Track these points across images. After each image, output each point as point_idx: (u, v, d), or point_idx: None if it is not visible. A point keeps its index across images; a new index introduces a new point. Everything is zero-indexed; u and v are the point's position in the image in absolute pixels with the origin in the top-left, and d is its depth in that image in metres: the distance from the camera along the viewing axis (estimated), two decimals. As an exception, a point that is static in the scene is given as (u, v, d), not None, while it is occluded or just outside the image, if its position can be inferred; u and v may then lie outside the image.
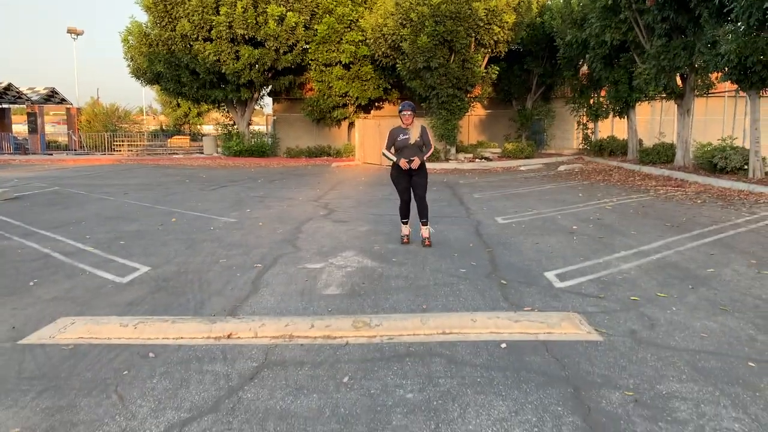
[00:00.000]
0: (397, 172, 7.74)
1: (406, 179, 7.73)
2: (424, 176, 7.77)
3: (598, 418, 3.24)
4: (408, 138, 7.61)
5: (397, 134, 7.66)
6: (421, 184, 7.72)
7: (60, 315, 5.07)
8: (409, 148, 7.63)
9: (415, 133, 7.66)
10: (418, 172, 7.72)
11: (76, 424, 3.21)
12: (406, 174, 7.70)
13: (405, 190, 7.79)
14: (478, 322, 4.79)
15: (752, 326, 4.67)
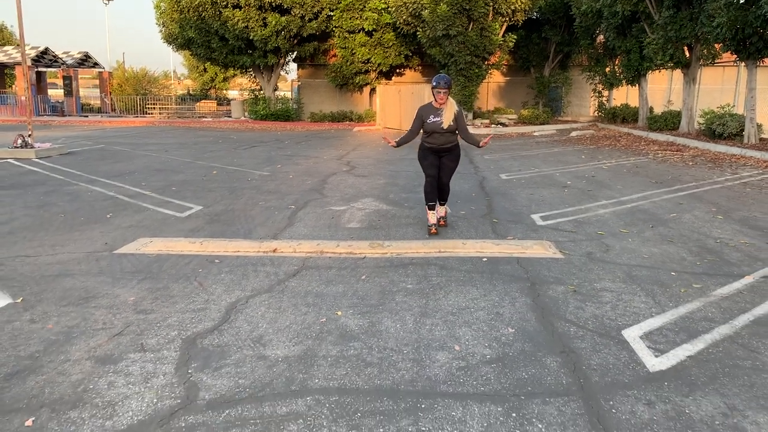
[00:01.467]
0: (425, 153, 6.71)
1: (434, 156, 6.67)
2: (455, 159, 6.73)
3: (543, 299, 4.50)
4: (440, 121, 6.41)
5: (428, 114, 6.50)
6: (449, 167, 6.72)
7: (139, 236, 6.43)
8: (441, 133, 6.47)
9: (449, 115, 6.41)
10: (450, 154, 6.67)
11: (173, 296, 4.56)
12: (433, 154, 6.66)
13: (431, 166, 6.65)
14: (468, 245, 6.06)
15: (687, 252, 5.87)
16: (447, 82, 6.35)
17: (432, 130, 6.50)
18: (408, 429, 2.79)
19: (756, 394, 3.11)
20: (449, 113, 6.41)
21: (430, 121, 6.48)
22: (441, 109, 6.46)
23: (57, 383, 3.22)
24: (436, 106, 6.48)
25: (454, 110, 6.45)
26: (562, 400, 3.06)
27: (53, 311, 4.26)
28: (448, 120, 6.40)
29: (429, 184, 6.67)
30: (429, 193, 6.70)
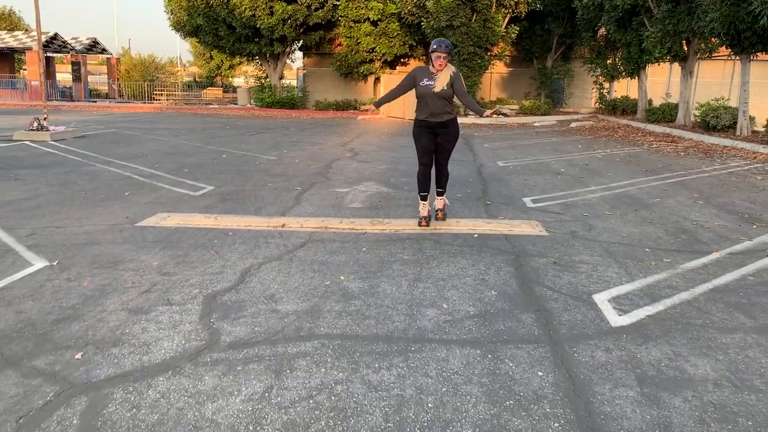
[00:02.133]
0: (419, 131, 6.14)
1: (429, 138, 6.09)
2: (452, 138, 6.16)
3: (525, 269, 5.00)
4: (432, 85, 5.89)
5: (420, 76, 6.00)
6: (446, 147, 6.18)
7: (157, 212, 6.94)
8: (432, 98, 5.93)
9: (444, 78, 5.88)
10: (446, 131, 6.10)
11: (192, 262, 5.07)
12: (427, 131, 6.09)
13: (425, 152, 6.12)
14: (461, 223, 6.56)
15: (664, 232, 6.35)
16: (447, 46, 5.80)
17: (423, 93, 5.95)
18: (399, 365, 3.30)
19: (700, 345, 3.61)
20: (444, 77, 5.87)
21: (422, 83, 5.94)
22: (436, 74, 5.93)
23: (97, 328, 3.73)
24: (432, 71, 5.95)
25: (451, 73, 5.88)
26: (532, 346, 3.56)
27: (86, 272, 4.77)
28: (442, 83, 5.84)
29: (422, 172, 6.22)
30: (422, 181, 6.23)
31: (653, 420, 2.79)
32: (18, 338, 3.58)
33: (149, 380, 3.10)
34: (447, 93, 5.92)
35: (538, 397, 2.98)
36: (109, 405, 2.86)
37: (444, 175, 6.41)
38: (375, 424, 2.73)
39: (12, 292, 4.33)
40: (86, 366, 3.24)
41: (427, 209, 6.36)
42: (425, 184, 6.26)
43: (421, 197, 6.34)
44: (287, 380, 3.11)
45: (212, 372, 3.19)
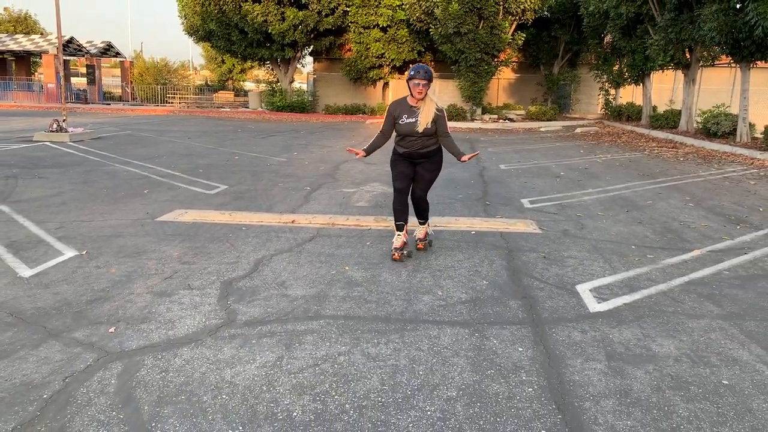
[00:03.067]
0: (396, 158, 5.53)
1: (407, 164, 5.47)
2: (434, 168, 5.52)
3: (516, 262, 5.40)
4: (415, 122, 5.23)
5: (400, 113, 5.31)
6: (426, 179, 5.50)
7: (174, 208, 7.39)
8: (416, 138, 5.31)
9: (427, 115, 5.22)
10: (428, 162, 5.47)
11: (210, 253, 5.51)
12: (407, 160, 5.47)
13: (402, 176, 5.45)
14: (460, 221, 6.98)
15: (652, 231, 6.74)
16: (427, 72, 5.12)
17: (405, 132, 5.30)
18: (396, 340, 3.71)
19: (668, 328, 4.00)
20: (427, 113, 5.21)
21: (402, 121, 5.27)
22: (417, 108, 5.25)
23: (126, 308, 4.17)
24: (411, 103, 5.29)
25: (434, 110, 5.23)
26: (516, 327, 3.97)
27: (113, 261, 5.22)
28: (425, 122, 5.20)
29: (397, 200, 5.47)
30: (398, 210, 5.48)
31: (615, 387, 3.19)
32: (57, 315, 4.02)
33: (175, 350, 3.53)
34: (431, 131, 5.29)
35: (516, 368, 3.39)
36: (141, 369, 3.29)
37: (423, 206, 5.66)
38: (372, 387, 3.15)
39: (48, 277, 4.78)
40: (119, 338, 3.68)
41: (402, 240, 5.46)
42: (402, 213, 5.47)
43: (397, 227, 5.48)
44: (296, 352, 3.53)
45: (230, 344, 3.62)
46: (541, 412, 2.93)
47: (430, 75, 5.17)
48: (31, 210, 7.12)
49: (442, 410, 2.94)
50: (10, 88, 37.38)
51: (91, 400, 2.97)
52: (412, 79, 5.16)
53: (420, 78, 5.13)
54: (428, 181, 5.54)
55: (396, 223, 5.52)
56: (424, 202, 5.65)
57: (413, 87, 5.18)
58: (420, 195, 5.58)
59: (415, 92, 5.19)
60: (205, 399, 3.00)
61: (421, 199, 5.62)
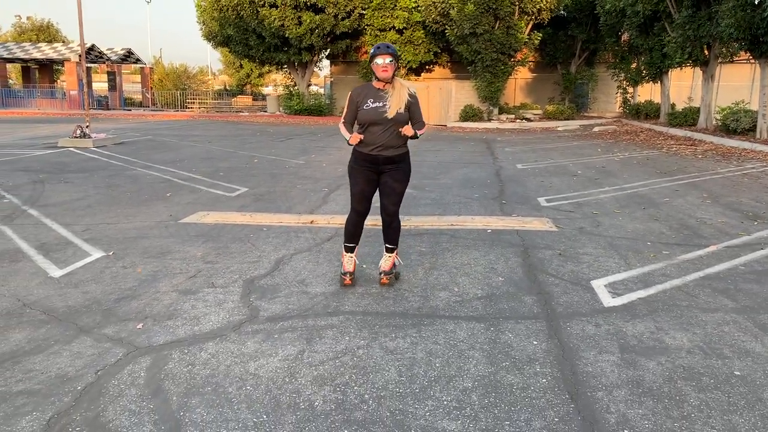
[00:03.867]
0: (355, 163, 4.60)
1: (368, 176, 4.58)
2: (403, 176, 4.64)
3: (532, 259, 5.48)
4: (384, 107, 4.39)
5: (365, 98, 4.47)
6: (396, 190, 4.61)
7: (197, 210, 7.57)
8: (384, 126, 4.41)
9: (399, 97, 4.41)
10: (395, 169, 4.58)
11: (232, 252, 5.66)
12: (369, 167, 4.55)
13: (363, 196, 4.64)
14: (476, 220, 7.06)
15: (668, 228, 6.77)
16: (392, 50, 4.34)
17: (369, 120, 4.40)
18: (413, 335, 3.82)
19: (682, 321, 4.06)
20: (399, 96, 4.40)
21: (367, 106, 4.41)
22: (385, 92, 4.43)
23: (153, 305, 4.33)
24: (377, 86, 4.46)
25: (408, 93, 4.46)
26: (531, 322, 4.05)
27: (139, 261, 5.39)
28: (397, 106, 4.37)
29: (352, 221, 4.73)
30: (350, 233, 4.75)
31: (628, 378, 3.27)
32: (87, 312, 4.19)
33: (201, 345, 3.67)
34: (402, 118, 4.43)
35: (530, 360, 3.48)
36: (169, 362, 3.44)
37: (393, 227, 4.74)
38: (390, 378, 3.26)
39: (77, 276, 4.96)
40: (147, 334, 3.83)
41: (353, 264, 4.78)
42: (354, 235, 4.76)
43: (346, 248, 4.77)
44: (317, 345, 3.66)
45: (253, 339, 3.75)
46: (555, 402, 3.02)
47: (394, 50, 4.37)
48: (58, 213, 7.33)
49: (458, 400, 3.04)
50: (34, 95, 38.10)
51: (122, 391, 3.11)
52: (375, 57, 4.34)
53: (383, 53, 4.32)
54: (399, 193, 4.65)
55: (346, 244, 4.77)
56: (396, 220, 4.72)
57: (377, 67, 4.35)
58: (392, 212, 4.66)
59: (380, 72, 4.35)
60: (230, 390, 3.13)
61: (393, 216, 4.68)
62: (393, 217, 4.72)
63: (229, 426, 2.80)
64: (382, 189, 4.66)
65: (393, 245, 4.81)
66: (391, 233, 4.79)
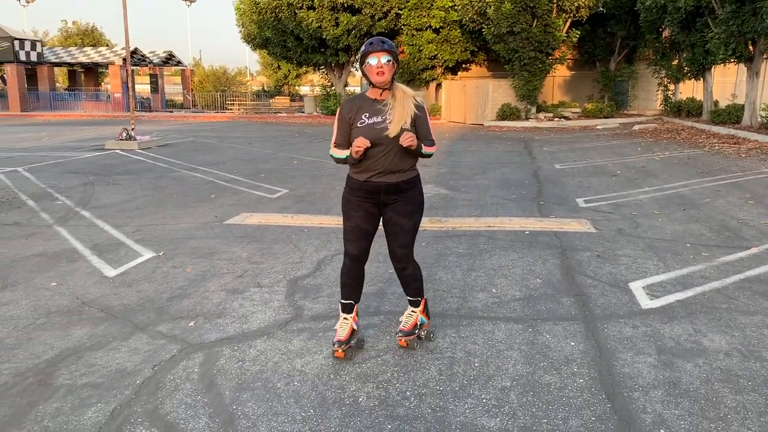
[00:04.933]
0: (352, 193, 3.57)
1: (365, 210, 3.54)
2: (413, 210, 3.57)
3: (570, 261, 5.54)
4: (383, 123, 3.37)
5: (358, 112, 3.44)
6: (405, 227, 3.55)
7: (241, 212, 7.80)
8: (386, 147, 3.39)
9: (402, 109, 3.37)
10: (401, 198, 3.52)
11: (275, 253, 5.85)
12: (367, 199, 3.52)
13: (356, 235, 3.57)
14: (514, 221, 7.13)
15: (708, 229, 6.73)
16: (384, 43, 3.32)
17: (372, 137, 3.34)
18: (452, 335, 3.94)
19: (720, 324, 4.09)
20: (402, 109, 3.38)
21: (362, 122, 3.39)
22: (384, 103, 3.42)
23: (203, 304, 4.54)
24: (373, 96, 3.44)
25: (413, 102, 3.43)
26: (568, 323, 4.13)
27: (188, 261, 5.62)
28: (400, 121, 3.35)
29: (344, 269, 3.64)
30: (346, 284, 3.64)
31: (664, 379, 3.33)
32: (141, 310, 4.42)
33: (249, 342, 3.85)
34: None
35: (568, 361, 3.56)
36: (220, 359, 3.63)
37: (407, 276, 3.65)
38: (430, 377, 3.38)
39: (131, 276, 5.21)
40: (198, 331, 4.03)
41: (348, 329, 3.60)
42: (352, 288, 3.65)
43: (344, 307, 3.66)
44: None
45: (299, 337, 3.92)
46: (592, 401, 3.10)
47: (391, 46, 3.34)
48: (109, 215, 7.65)
49: (497, 398, 3.15)
50: (80, 98, 39.26)
51: (178, 385, 3.31)
52: (367, 56, 3.32)
53: (378, 50, 3.30)
54: (408, 230, 3.55)
55: (342, 301, 3.66)
56: (411, 266, 3.61)
57: (371, 69, 3.32)
58: (401, 256, 3.58)
59: (374, 76, 3.33)
60: (278, 385, 3.29)
61: (404, 262, 3.59)
62: (405, 262, 3.58)
63: (279, 419, 2.96)
64: (386, 227, 3.59)
65: (414, 297, 3.70)
66: (408, 283, 3.67)
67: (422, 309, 3.80)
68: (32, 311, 4.42)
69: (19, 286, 4.97)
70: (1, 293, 4.81)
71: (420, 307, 3.78)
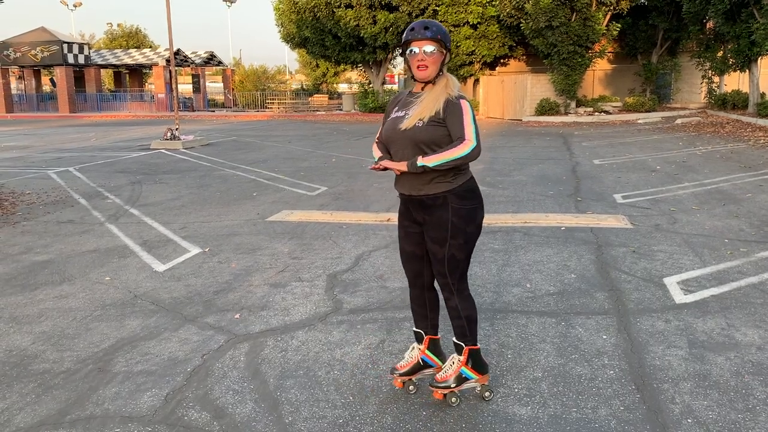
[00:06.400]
0: (400, 208, 3.21)
1: (407, 227, 3.14)
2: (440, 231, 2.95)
3: (605, 257, 5.59)
4: (404, 117, 2.96)
5: (393, 107, 3.15)
6: (434, 253, 3.01)
7: (282, 209, 8.05)
8: (399, 146, 2.97)
9: (426, 104, 2.88)
10: (430, 216, 2.97)
11: (315, 249, 6.06)
12: (406, 215, 3.12)
13: (403, 256, 3.23)
14: (550, 217, 7.19)
15: (748, 225, 6.68)
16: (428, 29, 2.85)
17: (386, 139, 3.06)
18: (486, 328, 4.06)
19: (754, 319, 4.12)
20: (428, 102, 2.90)
21: (391, 116, 3.09)
22: (418, 95, 2.99)
23: (248, 297, 4.76)
24: (416, 89, 3.05)
25: (443, 98, 2.88)
26: (601, 317, 4.21)
27: (232, 257, 5.87)
28: (420, 114, 2.89)
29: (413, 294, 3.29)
30: (414, 311, 3.33)
31: (695, 371, 3.40)
32: (190, 303, 4.66)
33: (292, 333, 4.05)
34: (422, 134, 2.89)
35: (599, 353, 3.65)
36: (265, 349, 3.83)
37: (453, 309, 3.08)
38: (465, 367, 3.52)
39: (179, 271, 5.48)
40: (244, 323, 4.25)
41: (414, 358, 3.27)
42: (415, 314, 3.32)
43: (415, 335, 3.36)
44: (396, 335, 3.97)
45: (338, 329, 4.10)
46: (621, 392, 3.20)
47: (437, 31, 2.87)
48: (156, 212, 7.98)
49: (528, 388, 3.27)
50: (125, 99, 40.40)
51: (225, 373, 3.52)
52: (409, 44, 2.90)
53: (419, 38, 2.86)
54: (441, 259, 2.98)
55: (414, 327, 3.34)
56: (452, 298, 3.06)
57: (412, 60, 2.91)
58: (442, 285, 3.07)
59: (415, 69, 2.92)
60: (319, 374, 3.48)
61: (445, 291, 3.07)
62: (446, 292, 3.06)
63: (320, 405, 3.14)
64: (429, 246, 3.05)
65: (458, 340, 3.11)
66: (451, 317, 3.11)
67: (465, 360, 3.06)
68: (89, 303, 4.71)
69: (75, 281, 5.28)
70: (60, 287, 5.12)
71: (462, 358, 3.07)
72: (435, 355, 3.29)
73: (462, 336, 3.09)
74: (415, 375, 3.26)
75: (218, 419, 3.03)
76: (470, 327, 3.07)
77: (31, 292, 5.01)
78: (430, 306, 3.24)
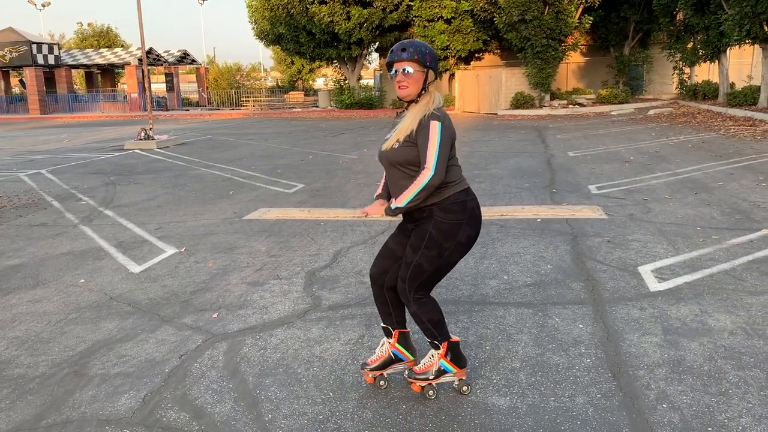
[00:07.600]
0: None
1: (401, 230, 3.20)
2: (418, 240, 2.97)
3: (581, 247, 5.66)
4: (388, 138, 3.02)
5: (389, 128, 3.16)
6: (406, 256, 3.02)
7: (259, 207, 8.00)
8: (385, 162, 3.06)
9: (402, 126, 2.93)
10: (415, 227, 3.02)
11: (293, 246, 6.04)
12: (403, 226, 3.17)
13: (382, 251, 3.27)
14: (526, 209, 7.25)
15: (719, 212, 6.80)
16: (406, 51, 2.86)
17: (379, 159, 3.16)
18: (464, 320, 4.09)
19: (726, 304, 4.20)
20: (406, 121, 2.92)
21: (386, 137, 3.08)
22: (403, 115, 3.06)
23: (225, 296, 4.73)
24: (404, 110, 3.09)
25: (419, 118, 2.88)
26: (577, 306, 4.26)
27: (209, 256, 5.83)
28: (398, 135, 2.92)
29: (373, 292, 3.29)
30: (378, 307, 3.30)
31: (669, 357, 3.46)
32: (167, 304, 4.62)
33: (270, 331, 4.04)
34: (396, 156, 2.94)
35: (576, 342, 3.70)
36: (243, 347, 3.81)
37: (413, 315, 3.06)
38: (444, 360, 3.54)
39: (155, 271, 5.43)
40: (222, 322, 4.23)
41: (384, 352, 3.27)
42: (380, 311, 3.29)
43: (383, 330, 3.31)
44: (375, 331, 3.97)
45: (317, 325, 4.10)
46: (598, 380, 3.24)
47: (416, 52, 2.86)
48: (131, 213, 7.89)
49: (507, 378, 3.30)
50: (98, 99, 39.84)
51: (204, 373, 3.50)
52: (391, 66, 2.95)
53: (397, 60, 2.89)
54: (410, 263, 2.98)
55: (381, 325, 3.32)
56: (412, 305, 3.03)
57: (393, 79, 2.95)
58: (400, 288, 3.06)
59: (396, 87, 2.95)
60: (299, 371, 3.47)
61: (402, 295, 3.06)
62: (403, 296, 3.05)
63: (300, 402, 3.14)
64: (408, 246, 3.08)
65: (429, 340, 3.12)
66: (416, 322, 3.06)
67: (443, 353, 3.11)
68: (64, 307, 4.65)
69: (49, 284, 5.20)
70: (33, 291, 5.04)
71: (441, 351, 3.11)
72: (405, 348, 3.29)
73: (431, 336, 3.11)
74: (386, 369, 3.27)
75: (197, 419, 3.02)
76: (436, 328, 3.07)
77: (3, 296, 4.93)
78: (391, 304, 3.22)
